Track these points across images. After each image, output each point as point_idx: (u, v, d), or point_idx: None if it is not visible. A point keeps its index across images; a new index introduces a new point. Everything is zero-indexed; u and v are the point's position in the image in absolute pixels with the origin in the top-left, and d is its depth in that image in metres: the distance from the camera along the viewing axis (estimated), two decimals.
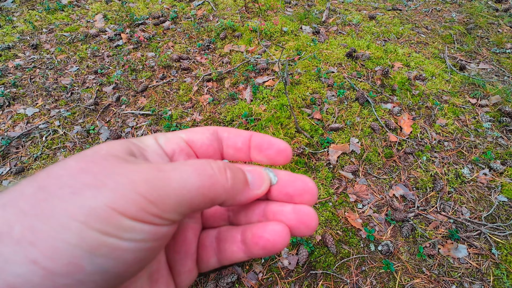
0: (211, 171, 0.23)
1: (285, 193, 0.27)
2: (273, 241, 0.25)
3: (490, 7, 2.73)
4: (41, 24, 2.55)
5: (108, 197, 0.19)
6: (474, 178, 1.49)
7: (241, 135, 0.29)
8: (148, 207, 0.19)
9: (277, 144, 0.28)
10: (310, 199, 0.27)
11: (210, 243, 0.29)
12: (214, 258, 0.29)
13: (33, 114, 1.85)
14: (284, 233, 0.25)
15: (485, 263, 1.23)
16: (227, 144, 0.30)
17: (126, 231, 0.19)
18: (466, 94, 1.92)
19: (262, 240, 0.25)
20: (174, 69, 2.13)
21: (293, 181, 0.27)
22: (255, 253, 0.26)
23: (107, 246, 0.18)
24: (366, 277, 1.21)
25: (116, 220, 0.18)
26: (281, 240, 0.25)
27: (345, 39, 2.32)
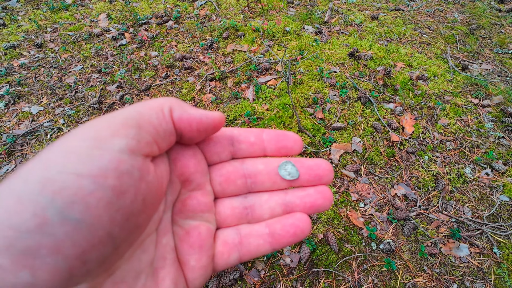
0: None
1: (315, 175, 0.30)
2: (302, 227, 0.29)
3: (493, 7, 2.73)
4: (45, 23, 2.57)
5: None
6: (476, 178, 1.50)
7: (252, 131, 0.31)
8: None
9: (292, 135, 0.31)
10: (331, 178, 0.30)
11: (232, 239, 0.30)
12: (236, 254, 0.30)
13: (38, 112, 1.87)
14: (308, 219, 0.29)
15: (486, 262, 1.23)
16: (238, 140, 0.31)
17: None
18: (468, 94, 1.92)
19: (292, 227, 0.29)
20: (177, 68, 2.15)
21: (319, 164, 0.30)
22: (283, 242, 0.29)
23: (67, 188, 0.19)
24: (367, 275, 1.21)
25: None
26: (308, 226, 0.29)
27: (348, 39, 2.32)
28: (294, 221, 0.29)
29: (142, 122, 0.23)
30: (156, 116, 0.24)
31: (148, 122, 0.24)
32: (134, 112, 0.24)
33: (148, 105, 0.25)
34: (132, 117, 0.23)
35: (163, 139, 0.25)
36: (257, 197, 0.31)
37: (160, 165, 0.26)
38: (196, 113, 0.27)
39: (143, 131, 0.23)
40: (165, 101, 0.26)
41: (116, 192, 0.20)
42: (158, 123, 0.24)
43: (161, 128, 0.25)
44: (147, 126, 0.24)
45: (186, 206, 0.29)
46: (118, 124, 0.22)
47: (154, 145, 0.24)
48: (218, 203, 0.31)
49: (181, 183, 0.29)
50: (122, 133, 0.22)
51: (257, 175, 0.31)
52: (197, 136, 0.27)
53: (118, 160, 0.21)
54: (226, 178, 0.31)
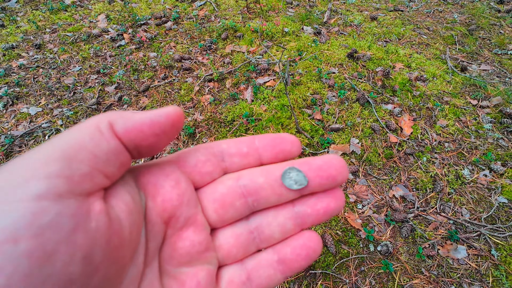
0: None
1: (327, 176, 0.25)
2: (314, 247, 0.26)
3: (492, 8, 2.73)
4: (44, 24, 2.57)
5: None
6: (474, 179, 1.49)
7: (242, 141, 0.27)
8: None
9: (288, 137, 0.27)
10: (346, 176, 0.26)
11: (238, 277, 0.26)
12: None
13: (36, 113, 1.87)
14: (318, 237, 0.26)
15: (484, 264, 1.23)
16: (229, 154, 0.27)
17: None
18: (467, 95, 1.92)
19: (304, 249, 0.26)
20: (176, 69, 2.15)
21: (330, 161, 0.26)
22: (296, 266, 0.26)
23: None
24: (365, 277, 1.21)
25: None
26: (320, 244, 0.26)
27: (347, 40, 2.32)
28: (305, 241, 0.26)
29: (71, 151, 0.19)
30: (90, 138, 0.20)
31: (80, 149, 0.19)
32: (60, 141, 0.19)
33: (78, 128, 0.21)
34: (57, 148, 0.19)
35: (109, 163, 0.20)
36: (263, 216, 0.27)
37: (119, 202, 0.21)
38: (144, 116, 0.22)
39: (74, 162, 0.18)
40: (100, 118, 0.21)
41: (36, 257, 0.15)
42: (94, 145, 0.20)
43: (101, 151, 0.20)
44: (80, 154, 0.19)
45: (177, 250, 0.24)
46: (37, 161, 0.18)
47: (98, 176, 0.20)
48: (217, 235, 0.27)
49: (165, 222, 0.24)
50: (41, 173, 0.17)
51: (258, 191, 0.26)
52: (158, 142, 0.22)
53: (34, 211, 0.16)
54: (221, 203, 0.26)
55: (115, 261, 0.19)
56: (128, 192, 0.22)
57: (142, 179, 0.24)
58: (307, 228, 0.27)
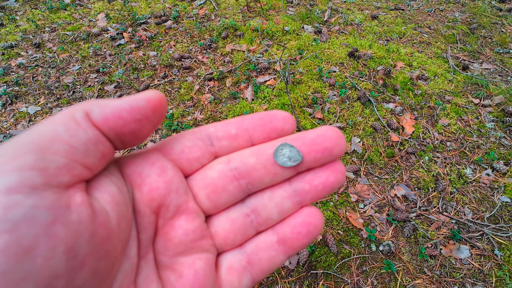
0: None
1: (322, 151, 0.24)
2: (315, 222, 0.25)
3: (494, 7, 2.71)
4: (43, 23, 2.56)
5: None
6: (476, 179, 1.48)
7: (231, 123, 0.26)
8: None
9: (279, 113, 0.26)
10: (344, 147, 0.24)
11: (238, 262, 0.26)
12: (247, 276, 0.25)
13: (35, 112, 1.86)
14: (319, 211, 0.25)
15: (487, 264, 1.22)
16: (217, 137, 0.25)
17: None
18: (469, 94, 1.90)
19: (304, 226, 0.25)
20: (176, 68, 2.14)
21: (325, 134, 0.24)
22: (298, 245, 0.25)
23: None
24: (367, 277, 1.20)
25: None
26: (321, 219, 0.25)
27: (347, 39, 2.31)
28: (304, 218, 0.25)
29: (44, 143, 0.18)
30: (65, 128, 0.19)
31: (53, 140, 0.18)
32: (32, 133, 0.18)
33: (51, 119, 0.19)
34: (29, 140, 0.17)
35: (88, 154, 0.19)
36: (258, 197, 0.26)
37: (103, 194, 0.20)
38: (122, 102, 0.21)
39: (49, 154, 0.17)
40: (75, 107, 0.20)
41: (13, 253, 0.14)
42: (70, 136, 0.19)
43: (78, 141, 0.19)
44: (54, 145, 0.18)
45: (171, 240, 0.23)
46: (6, 154, 0.17)
47: (76, 167, 0.19)
48: (212, 221, 0.26)
49: (154, 212, 0.23)
50: (11, 166, 0.16)
51: (251, 172, 0.25)
52: (140, 128, 0.21)
53: (5, 205, 0.15)
54: (213, 188, 0.25)
55: (104, 255, 0.19)
56: (114, 183, 0.21)
57: (127, 170, 0.23)
58: (307, 205, 0.26)
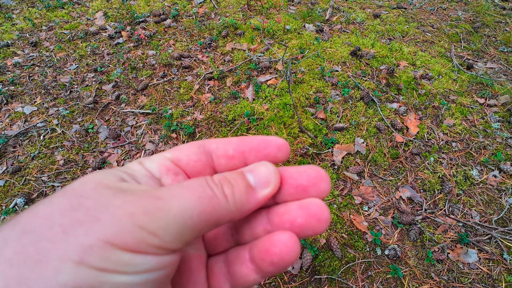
0: (210, 192, 0.21)
1: (296, 186, 0.24)
2: (280, 254, 0.22)
3: (497, 5, 2.68)
4: (40, 22, 2.52)
5: (103, 231, 0.17)
6: (483, 180, 1.45)
7: (231, 142, 0.27)
8: (149, 238, 0.18)
9: (274, 140, 0.26)
10: (324, 189, 0.24)
11: (219, 269, 0.26)
12: (227, 285, 0.26)
13: (31, 112, 1.82)
14: (292, 241, 0.22)
15: (496, 269, 1.18)
16: (217, 155, 0.26)
17: (127, 265, 0.18)
18: (474, 93, 1.87)
19: (269, 255, 0.22)
20: (175, 67, 2.10)
21: (304, 171, 0.24)
22: (266, 270, 0.23)
23: (109, 282, 0.17)
24: (372, 282, 1.16)
25: (115, 255, 0.17)
26: (290, 251, 0.22)
27: (349, 38, 2.27)
28: (270, 246, 0.22)
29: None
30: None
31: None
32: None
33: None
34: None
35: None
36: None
37: None
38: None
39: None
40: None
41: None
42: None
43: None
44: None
45: None
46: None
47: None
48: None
49: None
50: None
51: None
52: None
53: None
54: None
55: None
56: None
57: (151, 165, 0.26)
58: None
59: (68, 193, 0.19)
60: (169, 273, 0.21)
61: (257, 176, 0.24)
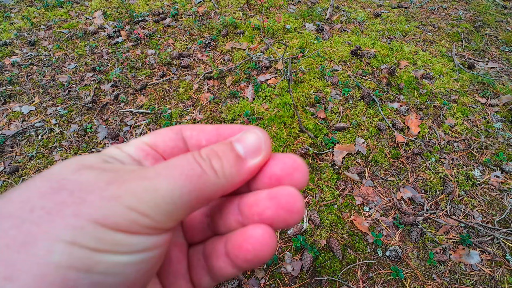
0: (199, 168, 0.20)
1: (270, 175, 0.22)
2: (254, 251, 0.20)
3: (498, 4, 2.67)
4: (39, 21, 2.50)
5: (93, 214, 0.17)
6: (485, 181, 1.43)
7: (205, 131, 0.25)
8: (140, 219, 0.18)
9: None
10: (300, 180, 0.22)
11: (197, 261, 0.26)
12: (207, 277, 0.25)
13: (29, 112, 1.80)
14: (267, 237, 0.20)
15: (499, 270, 1.17)
16: (191, 144, 0.25)
17: (121, 245, 0.17)
18: (475, 93, 1.86)
19: (242, 251, 0.21)
20: (174, 66, 2.08)
21: (280, 159, 0.23)
22: (241, 266, 0.22)
23: (104, 262, 0.17)
24: (373, 284, 1.15)
25: (108, 236, 0.17)
26: (265, 247, 0.20)
27: (350, 37, 2.26)
28: (243, 242, 0.21)
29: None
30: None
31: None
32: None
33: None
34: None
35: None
36: (218, 202, 0.26)
37: None
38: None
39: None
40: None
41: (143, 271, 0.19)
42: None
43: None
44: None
45: None
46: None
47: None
48: None
49: None
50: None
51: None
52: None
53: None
54: None
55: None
56: None
57: (129, 149, 0.25)
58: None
59: (46, 177, 0.18)
60: (162, 252, 0.20)
61: (246, 145, 0.22)
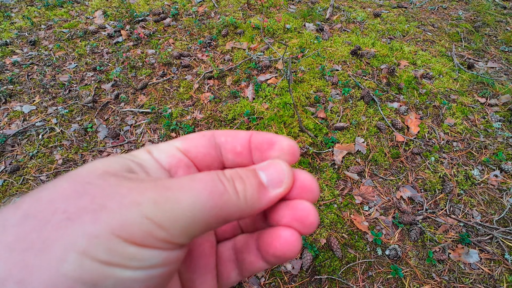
0: (221, 186, 0.20)
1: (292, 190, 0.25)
2: (282, 249, 0.23)
3: (498, 4, 2.67)
4: (39, 20, 2.50)
5: (110, 222, 0.17)
6: (484, 180, 1.44)
7: (239, 137, 0.26)
8: (156, 231, 0.17)
9: (279, 142, 0.24)
10: (312, 196, 0.24)
11: (228, 256, 0.27)
12: (235, 271, 0.27)
13: (30, 111, 1.81)
14: (294, 239, 0.23)
15: (497, 269, 1.17)
16: (225, 149, 0.26)
17: (132, 260, 0.17)
18: (474, 93, 1.86)
19: (271, 248, 0.23)
20: (175, 66, 2.09)
21: (298, 178, 0.24)
22: (271, 261, 0.24)
23: (112, 277, 0.16)
24: (373, 282, 1.16)
25: (120, 248, 0.17)
26: (291, 248, 0.23)
27: (350, 37, 2.26)
28: (273, 240, 0.23)
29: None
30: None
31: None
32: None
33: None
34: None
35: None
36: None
37: None
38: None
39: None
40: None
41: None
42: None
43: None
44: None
45: None
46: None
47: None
48: None
49: None
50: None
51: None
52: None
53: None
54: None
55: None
56: None
57: (160, 155, 0.26)
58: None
59: (73, 179, 0.18)
60: (173, 270, 0.20)
61: (269, 175, 0.23)
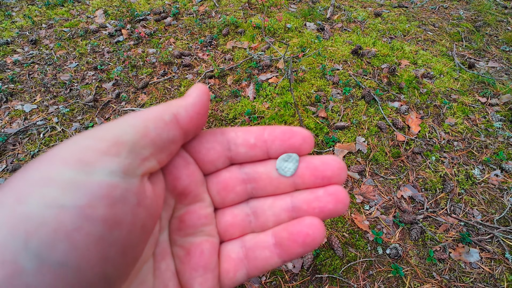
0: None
1: (323, 177, 0.26)
2: (313, 235, 0.24)
3: (499, 4, 2.67)
4: (40, 20, 2.51)
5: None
6: (485, 179, 1.44)
7: (251, 131, 0.27)
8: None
9: (299, 131, 0.26)
10: (343, 178, 0.26)
11: (236, 254, 0.27)
12: (243, 270, 0.27)
13: (31, 110, 1.81)
14: (320, 225, 0.25)
15: (498, 268, 1.18)
16: (235, 143, 0.27)
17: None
18: (475, 92, 1.86)
19: (301, 236, 0.25)
20: (176, 65, 2.09)
21: (328, 163, 0.26)
22: (292, 252, 0.25)
23: (46, 225, 0.17)
24: (373, 281, 1.16)
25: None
26: (320, 233, 0.25)
27: (351, 36, 2.26)
28: (303, 228, 0.25)
29: (137, 137, 0.21)
30: (155, 127, 0.22)
31: (145, 135, 0.21)
32: (126, 126, 0.21)
33: (143, 116, 0.22)
34: (125, 131, 0.21)
35: (165, 151, 0.23)
36: (260, 202, 0.28)
37: (157, 182, 0.24)
38: (195, 99, 0.24)
39: (139, 147, 0.21)
40: (164, 109, 0.23)
41: (109, 224, 0.18)
42: (157, 134, 0.22)
43: (161, 139, 0.22)
44: (144, 140, 0.21)
45: (185, 222, 0.27)
46: (108, 141, 0.20)
47: (153, 161, 0.22)
48: (219, 214, 0.29)
49: (175, 197, 0.26)
50: (113, 152, 0.19)
51: (257, 179, 0.27)
52: (204, 120, 0.25)
53: (109, 185, 0.18)
54: (224, 185, 0.27)
55: (152, 229, 0.23)
56: (159, 171, 0.25)
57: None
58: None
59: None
60: (138, 204, 0.21)
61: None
